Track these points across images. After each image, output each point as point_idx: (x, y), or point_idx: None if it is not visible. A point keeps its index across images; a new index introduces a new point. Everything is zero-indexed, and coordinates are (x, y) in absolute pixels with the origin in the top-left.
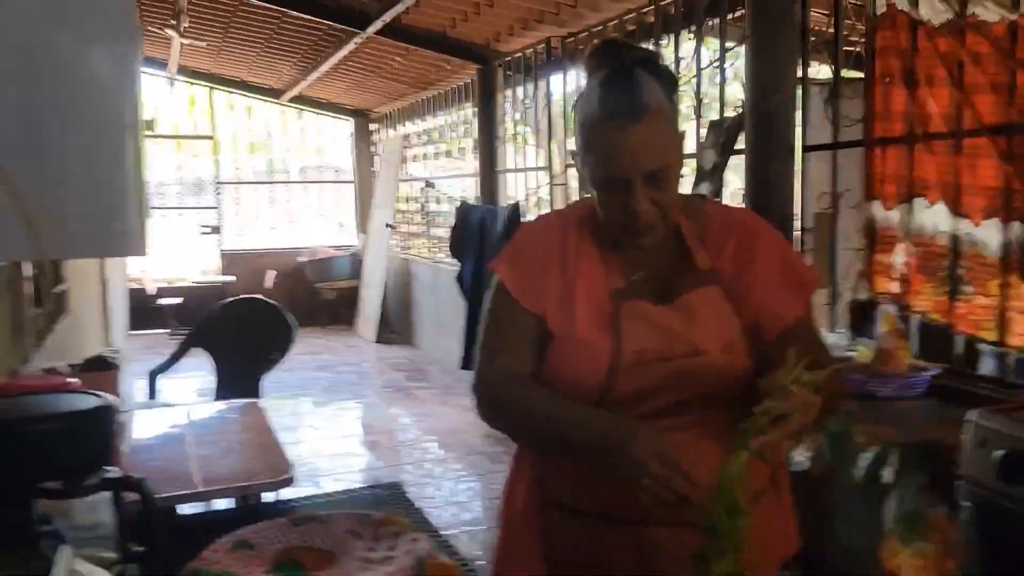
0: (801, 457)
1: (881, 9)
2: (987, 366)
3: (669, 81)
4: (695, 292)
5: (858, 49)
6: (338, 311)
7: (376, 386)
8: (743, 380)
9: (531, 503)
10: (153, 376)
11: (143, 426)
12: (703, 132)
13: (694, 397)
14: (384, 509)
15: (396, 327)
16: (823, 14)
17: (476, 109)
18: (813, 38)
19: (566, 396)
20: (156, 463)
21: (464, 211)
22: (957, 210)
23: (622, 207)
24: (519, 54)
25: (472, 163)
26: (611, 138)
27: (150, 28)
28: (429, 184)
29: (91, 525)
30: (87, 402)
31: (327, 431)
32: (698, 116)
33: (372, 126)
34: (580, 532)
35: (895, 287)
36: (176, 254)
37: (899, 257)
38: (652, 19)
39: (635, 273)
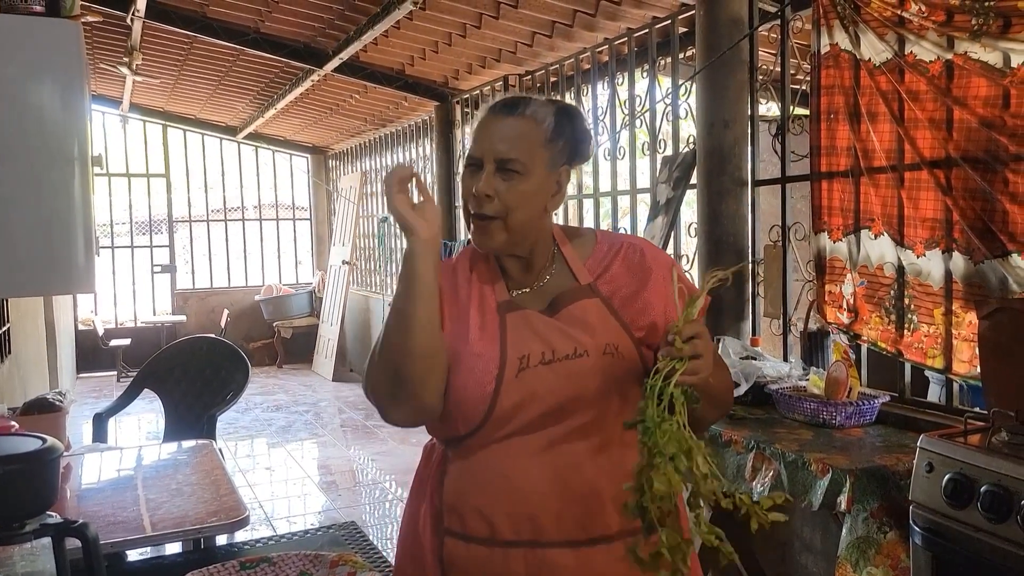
0: (759, 487)
1: (825, 49)
2: (934, 393)
3: (565, 117)
4: (576, 304)
5: (804, 87)
6: (295, 349)
7: (333, 425)
8: (623, 383)
9: (431, 528)
10: (99, 419)
11: (91, 470)
12: (658, 167)
13: (575, 401)
14: (339, 549)
15: (354, 365)
16: (771, 53)
17: (435, 145)
18: (762, 77)
19: (455, 413)
20: (103, 507)
21: None
22: (901, 241)
23: (470, 188)
24: (477, 91)
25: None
26: (483, 123)
27: (103, 65)
28: (385, 219)
29: (31, 573)
30: (26, 445)
31: (282, 473)
32: (653, 152)
33: (330, 163)
34: (472, 558)
35: (845, 317)
36: (128, 294)
37: (848, 287)
38: (607, 58)
39: (519, 292)
